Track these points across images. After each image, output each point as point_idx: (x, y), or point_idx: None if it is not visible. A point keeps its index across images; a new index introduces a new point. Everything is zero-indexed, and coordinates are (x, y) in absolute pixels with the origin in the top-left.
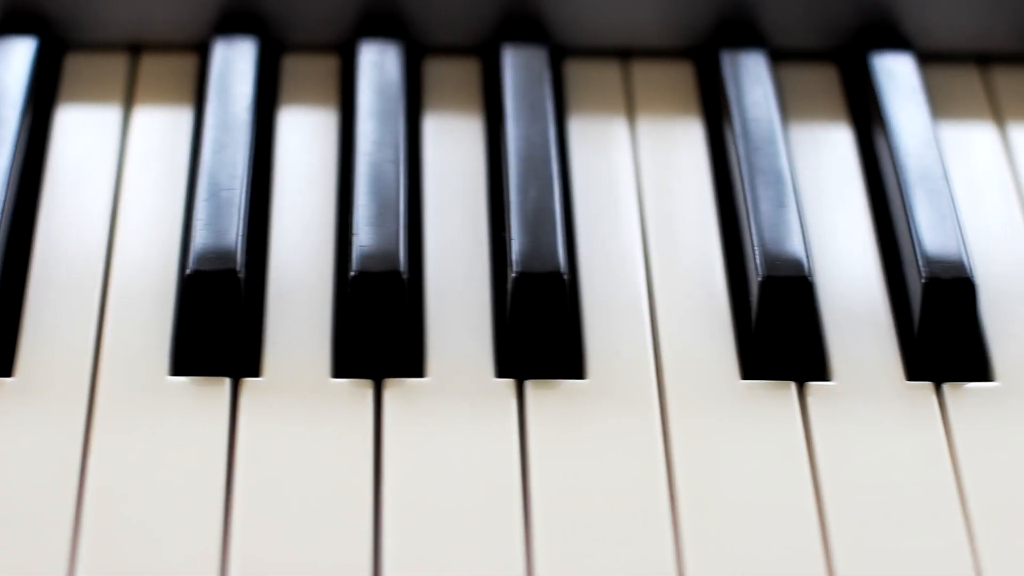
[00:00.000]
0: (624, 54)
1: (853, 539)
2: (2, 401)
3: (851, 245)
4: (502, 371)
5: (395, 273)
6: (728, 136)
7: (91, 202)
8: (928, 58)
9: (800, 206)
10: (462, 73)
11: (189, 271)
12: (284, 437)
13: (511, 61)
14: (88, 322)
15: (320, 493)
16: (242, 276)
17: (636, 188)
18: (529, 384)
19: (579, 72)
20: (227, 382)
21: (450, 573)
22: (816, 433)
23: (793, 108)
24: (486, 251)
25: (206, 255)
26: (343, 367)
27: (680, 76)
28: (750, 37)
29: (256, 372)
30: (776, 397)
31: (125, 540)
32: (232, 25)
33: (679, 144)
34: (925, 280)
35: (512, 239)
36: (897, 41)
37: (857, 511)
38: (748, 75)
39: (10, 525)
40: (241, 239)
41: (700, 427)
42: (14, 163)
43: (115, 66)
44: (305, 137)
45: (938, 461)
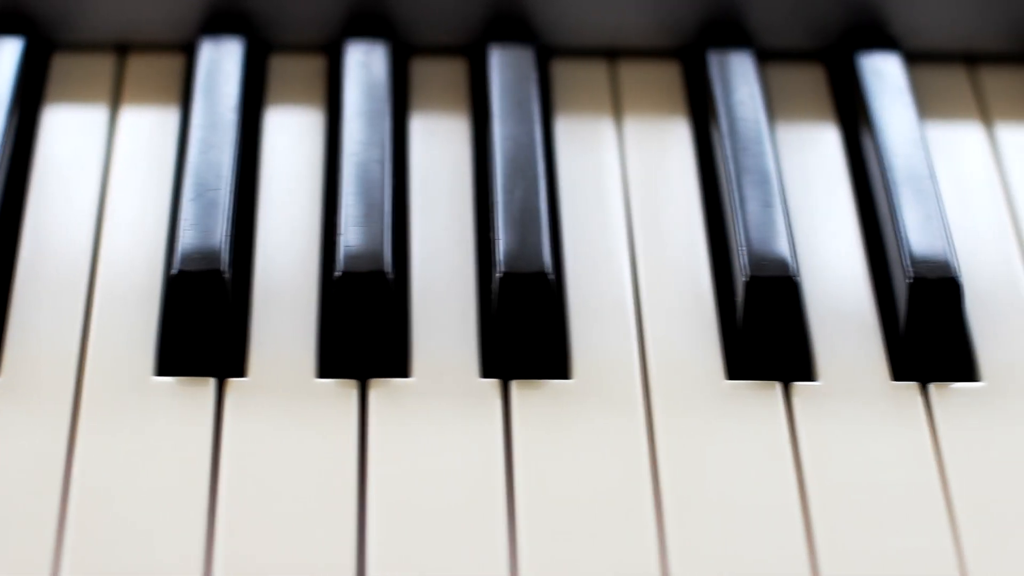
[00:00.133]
0: (611, 54)
1: (838, 539)
2: None
3: (837, 245)
4: (487, 371)
5: (380, 273)
6: (715, 136)
7: (77, 202)
8: (915, 58)
9: (786, 206)
10: (449, 73)
11: (174, 271)
12: (269, 437)
13: (498, 61)
14: (74, 322)
15: (305, 493)
16: (227, 276)
17: (623, 188)
18: (514, 384)
19: (566, 72)
20: (212, 382)
21: (434, 573)
22: (801, 433)
23: (780, 108)
24: (472, 251)
25: (191, 255)
26: (328, 367)
27: (667, 76)
28: (737, 37)
29: (241, 372)
30: (761, 397)
31: (110, 540)
32: (219, 25)
33: (666, 144)
34: (911, 280)
35: (498, 239)
36: (884, 41)
37: (842, 511)
38: (735, 75)
39: None
40: (227, 239)
41: (685, 427)
42: (1, 163)
43: (102, 66)
44: (292, 137)
45: (924, 461)
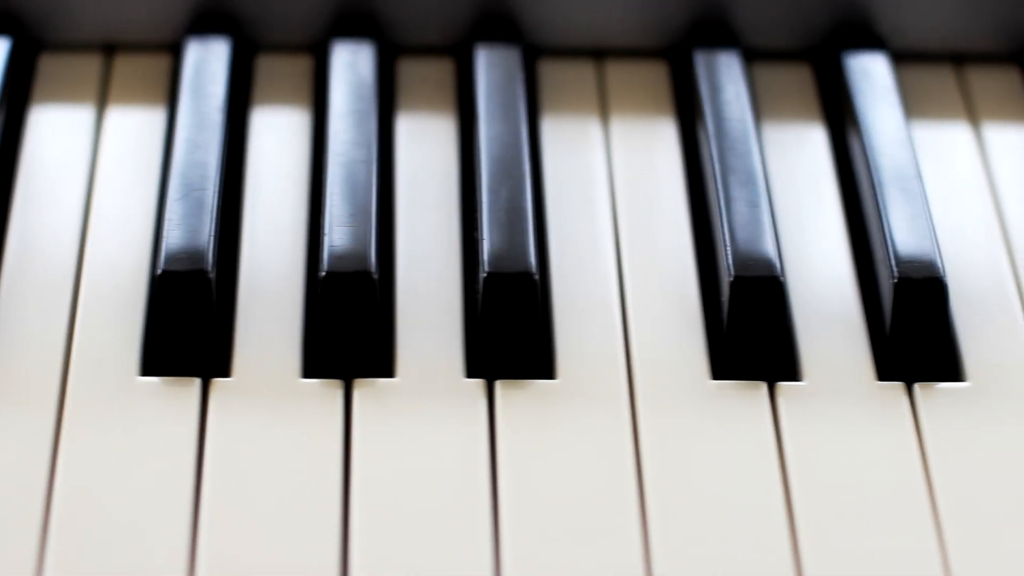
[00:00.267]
0: (598, 54)
1: (823, 539)
2: None
3: (824, 245)
4: (472, 371)
5: (365, 273)
6: (701, 136)
7: (64, 202)
8: (902, 58)
9: (773, 206)
10: (436, 73)
11: (159, 271)
12: (253, 437)
13: (484, 61)
14: (59, 322)
15: (289, 493)
16: (212, 276)
17: (609, 188)
18: (499, 384)
19: (553, 72)
20: (197, 382)
21: (418, 573)
22: (786, 433)
23: (767, 108)
24: (458, 251)
25: (177, 255)
26: (313, 367)
27: (654, 76)
28: (724, 37)
29: (226, 372)
30: (746, 397)
31: (94, 540)
32: (205, 25)
33: (652, 144)
34: (896, 280)
35: (483, 239)
36: (871, 41)
37: (827, 511)
38: (722, 75)
39: None
40: (212, 239)
41: (670, 427)
42: None
43: (89, 66)
44: (278, 137)
45: (908, 461)
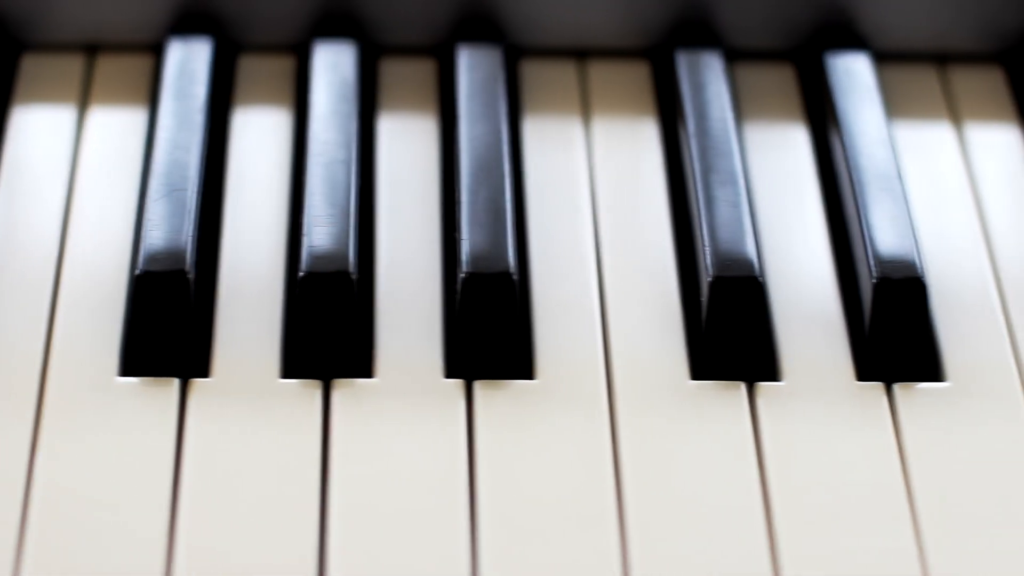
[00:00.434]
0: (580, 54)
1: (801, 539)
2: None
3: (805, 245)
4: (451, 371)
5: (344, 274)
6: (683, 136)
7: (44, 202)
8: (885, 58)
9: (754, 206)
10: (417, 73)
11: (139, 271)
12: (232, 437)
13: (466, 61)
14: (38, 322)
15: (268, 493)
16: (192, 277)
17: (590, 188)
18: (478, 385)
19: (535, 72)
20: (176, 383)
21: (396, 573)
22: (765, 433)
23: (749, 108)
24: (438, 251)
25: (156, 256)
26: (292, 368)
27: (636, 76)
28: (706, 37)
29: (205, 373)
30: (725, 397)
31: (72, 540)
32: (188, 26)
33: (634, 144)
34: (876, 280)
35: (463, 239)
36: (854, 41)
37: (806, 511)
38: (704, 75)
39: None
40: (192, 240)
41: (649, 427)
42: None
43: (71, 67)
44: (260, 137)
45: (888, 462)
